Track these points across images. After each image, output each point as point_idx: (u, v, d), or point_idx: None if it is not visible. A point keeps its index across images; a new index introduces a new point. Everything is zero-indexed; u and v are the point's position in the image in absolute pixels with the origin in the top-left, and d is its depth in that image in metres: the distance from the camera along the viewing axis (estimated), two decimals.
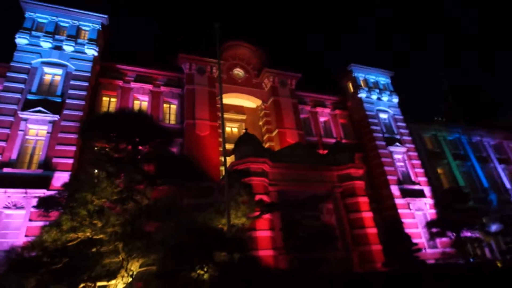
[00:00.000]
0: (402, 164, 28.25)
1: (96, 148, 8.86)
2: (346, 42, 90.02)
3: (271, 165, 18.19)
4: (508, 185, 32.53)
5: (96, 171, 8.54)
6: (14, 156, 17.49)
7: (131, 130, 8.69)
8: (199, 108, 24.48)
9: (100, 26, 23.66)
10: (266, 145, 26.10)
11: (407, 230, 24.38)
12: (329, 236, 13.01)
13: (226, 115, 27.73)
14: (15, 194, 16.52)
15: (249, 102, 28.79)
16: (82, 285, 7.05)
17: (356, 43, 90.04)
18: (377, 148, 27.82)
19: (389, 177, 26.53)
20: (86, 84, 21.08)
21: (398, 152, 28.42)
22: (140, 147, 9.10)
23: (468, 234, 19.44)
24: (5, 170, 16.88)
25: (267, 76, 28.34)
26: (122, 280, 7.65)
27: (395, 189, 26.16)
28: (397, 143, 28.63)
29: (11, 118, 18.38)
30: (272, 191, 17.62)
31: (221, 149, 22.52)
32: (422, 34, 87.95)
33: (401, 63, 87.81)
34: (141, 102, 24.59)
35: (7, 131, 17.98)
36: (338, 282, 11.19)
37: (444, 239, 23.23)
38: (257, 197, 15.17)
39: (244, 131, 28.58)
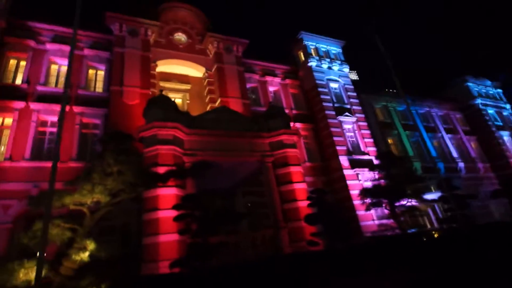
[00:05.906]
0: (351, 134, 24.28)
1: None
2: (298, 9, 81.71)
3: (188, 132, 13.34)
4: (454, 154, 29.68)
5: None
6: None
7: None
8: (128, 74, 18.68)
9: None
10: None
11: (355, 202, 20.79)
12: (233, 215, 8.63)
13: (168, 85, 22.48)
14: None
15: (194, 70, 23.35)
16: None
17: (309, 10, 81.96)
18: (326, 118, 23.55)
19: (338, 148, 22.50)
20: None
21: (348, 122, 24.33)
22: None
23: (404, 202, 15.19)
24: None
25: (211, 41, 22.90)
26: None
27: (344, 160, 22.27)
28: (347, 113, 24.47)
29: None
30: (188, 162, 12.90)
31: None
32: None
33: (353, 34, 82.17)
34: (60, 67, 18.62)
35: None
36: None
37: (381, 209, 19.39)
38: (164, 168, 10.95)
39: (188, 101, 23.87)
